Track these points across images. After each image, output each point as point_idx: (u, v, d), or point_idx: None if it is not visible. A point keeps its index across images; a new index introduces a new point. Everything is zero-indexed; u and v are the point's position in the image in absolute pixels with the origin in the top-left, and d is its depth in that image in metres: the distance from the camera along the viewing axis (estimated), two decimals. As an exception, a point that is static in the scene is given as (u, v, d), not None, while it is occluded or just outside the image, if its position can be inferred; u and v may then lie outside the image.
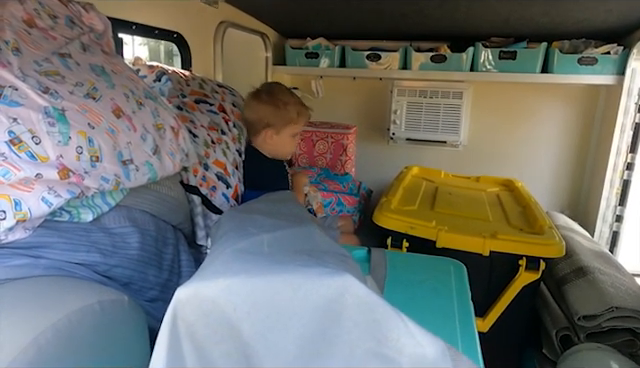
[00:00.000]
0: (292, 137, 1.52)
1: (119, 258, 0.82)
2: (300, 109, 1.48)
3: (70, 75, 0.82)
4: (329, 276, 0.46)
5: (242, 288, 0.45)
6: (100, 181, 0.79)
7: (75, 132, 0.76)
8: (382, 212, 1.46)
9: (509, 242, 1.32)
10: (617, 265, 1.55)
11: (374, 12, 1.93)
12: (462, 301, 0.91)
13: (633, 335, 1.26)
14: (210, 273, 0.47)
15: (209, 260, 0.52)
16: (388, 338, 0.45)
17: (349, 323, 0.46)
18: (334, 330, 0.46)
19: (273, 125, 1.46)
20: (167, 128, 1.00)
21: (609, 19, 1.77)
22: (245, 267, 0.47)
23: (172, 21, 1.66)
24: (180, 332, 0.45)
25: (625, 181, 2.04)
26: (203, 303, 0.45)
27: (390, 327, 0.45)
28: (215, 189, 1.36)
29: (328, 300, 0.46)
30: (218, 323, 0.45)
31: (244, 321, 0.45)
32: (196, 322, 0.45)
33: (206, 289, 0.45)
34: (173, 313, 0.45)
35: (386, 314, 0.45)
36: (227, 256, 0.50)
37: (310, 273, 0.47)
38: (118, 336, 0.66)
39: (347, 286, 0.46)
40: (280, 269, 0.47)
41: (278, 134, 1.48)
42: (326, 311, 0.46)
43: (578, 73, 2.04)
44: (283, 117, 1.45)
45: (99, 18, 1.00)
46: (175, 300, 0.45)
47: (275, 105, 1.45)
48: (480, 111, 2.48)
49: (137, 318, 0.70)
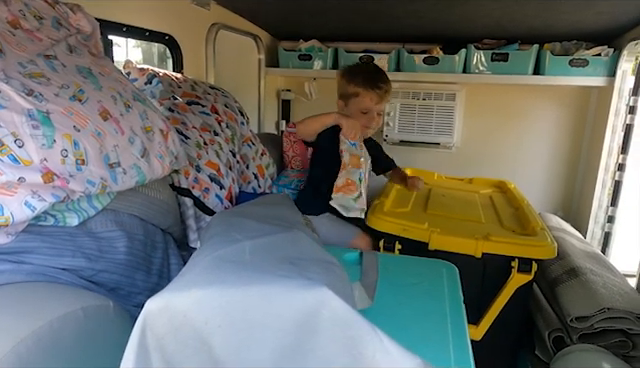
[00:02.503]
0: (362, 113, 1.57)
1: (105, 263, 0.80)
2: (366, 86, 1.53)
3: (55, 77, 0.81)
4: (306, 289, 0.45)
5: (215, 300, 0.44)
6: (86, 185, 0.78)
7: (60, 135, 0.75)
8: (374, 214, 1.45)
9: (501, 244, 1.31)
10: (609, 266, 1.56)
11: (367, 14, 1.93)
12: (454, 303, 0.90)
13: (625, 336, 1.26)
14: (183, 283, 0.46)
15: (188, 267, 0.51)
16: (363, 355, 0.44)
17: (325, 338, 0.45)
18: (309, 345, 0.44)
19: (342, 97, 1.60)
20: (156, 131, 0.99)
21: (599, 21, 1.78)
22: (221, 277, 0.46)
23: (163, 23, 1.65)
24: (149, 345, 0.43)
25: (616, 182, 2.04)
26: (174, 316, 0.44)
27: (365, 343, 0.44)
28: (208, 191, 1.35)
29: (304, 314, 0.45)
30: (189, 337, 0.44)
31: (215, 335, 0.44)
32: (166, 335, 0.43)
33: (177, 301, 0.44)
34: (142, 325, 0.43)
35: (362, 330, 0.44)
36: (205, 264, 0.49)
37: (287, 285, 0.46)
38: (103, 342, 0.64)
39: (324, 300, 0.45)
40: (257, 280, 0.46)
41: (347, 106, 1.59)
42: (302, 325, 0.45)
43: (569, 75, 2.05)
44: (347, 90, 1.57)
45: (87, 19, 0.99)
46: (145, 311, 0.44)
47: (344, 78, 1.57)
48: (473, 113, 2.48)
49: (123, 324, 0.69)
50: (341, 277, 0.54)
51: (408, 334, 0.76)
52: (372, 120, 1.59)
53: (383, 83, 1.56)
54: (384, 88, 1.55)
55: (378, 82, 1.55)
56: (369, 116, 1.58)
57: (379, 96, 1.56)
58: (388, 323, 0.78)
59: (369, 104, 1.56)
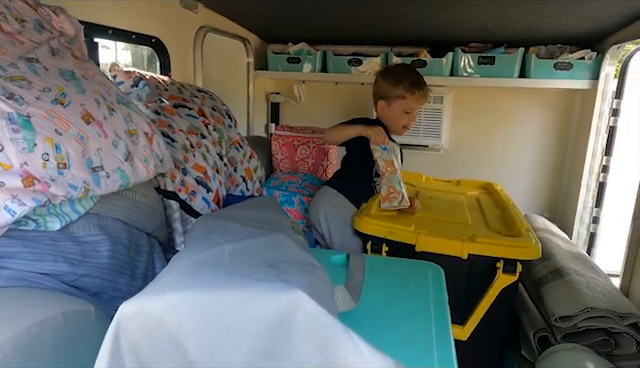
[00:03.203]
0: (404, 112, 1.67)
1: (88, 267, 0.80)
2: (412, 89, 1.64)
3: (37, 80, 0.80)
4: (281, 292, 0.45)
5: (189, 304, 0.44)
6: (68, 189, 0.77)
7: (41, 139, 0.74)
8: (361, 218, 1.46)
9: (486, 245, 1.33)
10: (593, 266, 1.58)
11: (355, 17, 1.94)
12: (439, 304, 0.91)
13: (608, 335, 1.28)
14: (158, 287, 0.46)
15: (165, 270, 0.51)
16: (336, 356, 0.44)
17: (299, 340, 0.45)
18: (284, 347, 0.45)
19: (385, 98, 1.68)
20: (140, 134, 0.98)
21: (583, 25, 1.81)
22: (197, 281, 0.46)
23: (150, 26, 1.64)
24: (123, 349, 0.43)
25: (601, 183, 2.08)
26: (148, 319, 0.44)
27: (338, 345, 0.44)
28: (195, 194, 1.34)
29: (278, 317, 0.45)
30: (163, 340, 0.44)
31: (190, 338, 0.44)
32: (140, 339, 0.43)
33: (152, 304, 0.44)
34: (116, 329, 0.43)
35: (335, 332, 0.44)
36: (183, 267, 0.49)
37: (262, 288, 0.46)
38: (84, 347, 0.64)
39: (298, 303, 0.45)
40: (232, 283, 0.46)
41: (389, 106, 1.67)
42: (276, 328, 0.45)
43: (554, 78, 2.08)
44: (394, 92, 1.65)
45: (70, 22, 0.98)
46: (119, 315, 0.43)
47: (389, 81, 1.66)
48: (461, 115, 2.51)
49: (104, 329, 0.68)
50: (322, 279, 0.54)
51: (393, 334, 0.76)
52: (412, 119, 1.72)
53: (425, 85, 1.68)
54: (427, 89, 1.69)
55: (422, 85, 1.67)
56: (410, 115, 1.70)
57: (424, 97, 1.69)
58: (373, 324, 0.79)
59: (415, 105, 1.68)
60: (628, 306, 1.30)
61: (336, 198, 1.64)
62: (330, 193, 1.67)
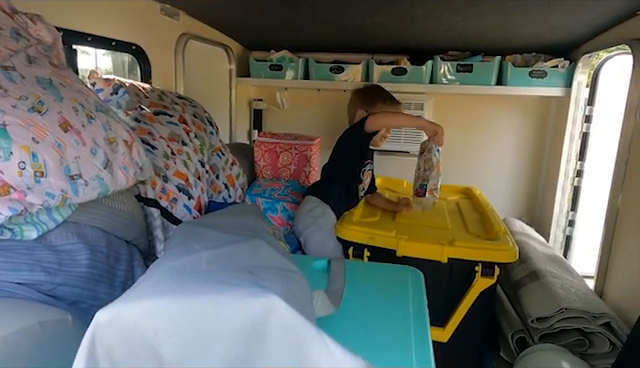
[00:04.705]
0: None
1: (65, 276, 0.79)
2: (393, 103, 1.76)
3: (13, 88, 0.79)
4: (255, 297, 0.46)
5: (164, 310, 0.44)
6: (45, 197, 0.76)
7: (17, 147, 0.74)
8: (343, 225, 1.48)
9: (466, 249, 1.36)
10: (568, 268, 1.63)
11: (334, 26, 1.97)
12: (418, 307, 0.92)
13: (583, 335, 1.32)
14: (135, 294, 0.46)
15: (142, 278, 0.51)
16: (309, 358, 0.45)
17: (273, 345, 0.46)
18: (258, 352, 0.45)
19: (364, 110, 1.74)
20: (120, 141, 0.98)
21: (555, 36, 1.88)
22: (173, 287, 0.47)
23: (131, 33, 1.63)
24: (98, 356, 0.43)
25: (575, 187, 2.14)
26: (124, 327, 0.44)
27: (311, 347, 0.45)
28: (176, 201, 1.34)
29: (253, 322, 0.46)
30: (139, 347, 0.44)
31: (165, 345, 0.44)
32: (115, 346, 0.43)
33: (127, 311, 0.44)
34: (91, 337, 0.43)
35: (308, 335, 0.46)
36: (160, 274, 0.49)
37: (236, 293, 0.46)
38: (61, 357, 0.63)
39: (272, 307, 0.46)
40: (208, 289, 0.47)
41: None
42: (251, 332, 0.46)
43: (530, 85, 2.14)
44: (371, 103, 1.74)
45: (47, 30, 0.98)
46: (94, 324, 0.43)
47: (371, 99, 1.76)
48: (441, 122, 2.49)
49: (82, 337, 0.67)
50: (299, 284, 0.55)
51: (373, 337, 0.78)
52: (388, 130, 1.80)
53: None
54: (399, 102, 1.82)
55: (395, 99, 1.80)
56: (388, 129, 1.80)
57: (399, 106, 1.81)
58: (354, 326, 0.80)
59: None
60: (601, 306, 1.34)
61: (318, 208, 1.62)
62: (312, 203, 1.64)
